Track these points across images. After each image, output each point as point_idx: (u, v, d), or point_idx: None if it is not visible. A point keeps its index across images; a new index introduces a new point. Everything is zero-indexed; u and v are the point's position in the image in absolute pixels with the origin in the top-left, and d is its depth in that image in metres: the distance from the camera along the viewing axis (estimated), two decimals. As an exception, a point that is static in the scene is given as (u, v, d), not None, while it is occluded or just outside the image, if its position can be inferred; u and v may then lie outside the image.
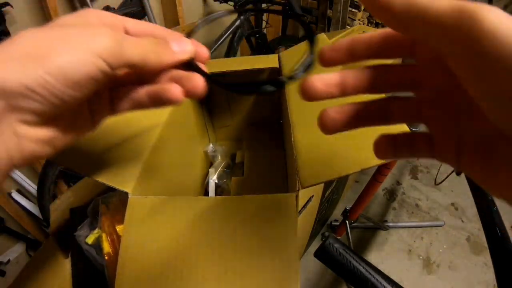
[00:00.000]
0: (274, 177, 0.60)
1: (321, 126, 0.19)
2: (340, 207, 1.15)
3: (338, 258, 0.44)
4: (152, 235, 0.31)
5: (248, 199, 0.33)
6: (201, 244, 0.30)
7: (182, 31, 1.20)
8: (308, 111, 0.39)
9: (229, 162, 0.69)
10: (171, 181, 0.48)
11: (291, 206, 0.31)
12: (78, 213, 0.51)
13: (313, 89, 0.17)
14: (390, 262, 1.13)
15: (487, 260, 1.12)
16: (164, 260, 0.30)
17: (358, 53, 0.17)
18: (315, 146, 0.34)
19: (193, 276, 0.29)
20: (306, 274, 1.08)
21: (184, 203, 0.34)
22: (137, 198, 0.34)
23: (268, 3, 1.30)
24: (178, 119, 0.50)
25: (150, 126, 0.42)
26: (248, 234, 0.30)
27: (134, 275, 0.29)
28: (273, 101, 0.69)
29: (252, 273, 0.28)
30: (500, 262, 0.47)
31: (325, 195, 0.67)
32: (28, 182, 1.08)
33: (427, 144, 0.17)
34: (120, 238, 0.32)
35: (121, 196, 0.47)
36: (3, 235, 1.10)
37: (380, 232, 1.22)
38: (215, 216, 0.32)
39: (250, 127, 0.75)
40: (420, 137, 0.18)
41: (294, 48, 0.54)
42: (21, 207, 1.08)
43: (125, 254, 0.30)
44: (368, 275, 0.42)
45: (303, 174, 0.32)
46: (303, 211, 0.46)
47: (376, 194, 1.29)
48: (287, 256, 0.29)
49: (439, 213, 1.29)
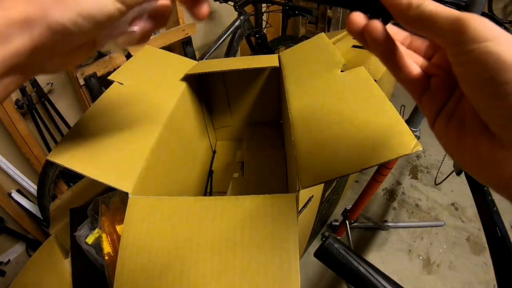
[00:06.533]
0: (274, 177, 0.60)
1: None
2: (340, 207, 1.15)
3: (338, 258, 0.44)
4: (152, 235, 0.31)
5: (248, 199, 0.33)
6: (201, 244, 0.30)
7: (182, 31, 1.20)
8: (308, 111, 0.39)
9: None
10: (171, 181, 0.48)
11: (291, 206, 0.31)
12: (78, 213, 0.51)
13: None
14: (390, 262, 1.13)
15: (487, 260, 1.12)
16: (164, 260, 0.30)
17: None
18: (315, 146, 0.34)
19: (193, 276, 0.29)
20: (306, 274, 1.08)
21: (184, 203, 0.33)
22: (137, 198, 0.34)
23: (268, 3, 1.30)
24: (178, 119, 0.50)
25: (150, 126, 0.42)
26: (248, 234, 0.30)
27: (134, 275, 0.29)
28: (273, 101, 0.69)
29: (252, 273, 0.28)
30: (500, 262, 0.47)
31: (325, 195, 0.67)
32: (28, 182, 1.08)
33: (423, 86, 0.21)
34: (120, 238, 0.32)
35: (121, 196, 0.47)
36: (3, 235, 1.10)
37: (380, 232, 1.22)
38: (215, 216, 0.32)
39: (250, 127, 0.75)
40: (423, 76, 0.21)
41: (294, 48, 0.54)
42: (21, 207, 1.08)
43: (124, 254, 0.30)
44: (368, 275, 0.42)
45: (303, 174, 0.32)
46: (303, 211, 0.46)
47: (376, 194, 1.29)
48: (287, 256, 0.29)
49: (439, 213, 1.29)
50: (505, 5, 1.91)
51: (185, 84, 0.54)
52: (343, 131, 0.34)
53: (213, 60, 0.58)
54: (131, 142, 0.38)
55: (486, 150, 0.17)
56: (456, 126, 0.19)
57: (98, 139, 0.37)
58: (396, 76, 0.22)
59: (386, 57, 0.21)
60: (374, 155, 0.30)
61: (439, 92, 0.20)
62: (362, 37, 0.21)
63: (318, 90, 0.42)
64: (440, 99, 0.20)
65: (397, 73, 0.22)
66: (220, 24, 1.60)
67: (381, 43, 0.20)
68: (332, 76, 0.43)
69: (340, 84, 0.41)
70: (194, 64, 0.58)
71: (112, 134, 0.38)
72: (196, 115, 0.61)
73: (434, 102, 0.21)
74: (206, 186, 0.68)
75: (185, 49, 1.28)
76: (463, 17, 0.16)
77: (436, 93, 0.21)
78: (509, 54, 0.14)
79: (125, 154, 0.37)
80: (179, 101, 0.50)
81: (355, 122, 0.35)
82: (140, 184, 0.35)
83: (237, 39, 1.24)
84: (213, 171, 0.71)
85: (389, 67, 0.22)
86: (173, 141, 0.48)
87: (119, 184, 0.33)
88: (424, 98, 0.21)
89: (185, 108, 0.54)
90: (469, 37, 0.15)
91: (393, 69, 0.22)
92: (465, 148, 0.18)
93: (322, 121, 0.37)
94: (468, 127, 0.18)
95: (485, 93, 0.16)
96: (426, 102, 0.21)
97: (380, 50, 0.21)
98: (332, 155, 0.32)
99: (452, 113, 0.19)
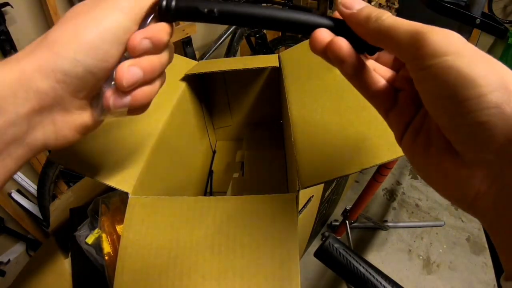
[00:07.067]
0: (274, 177, 0.60)
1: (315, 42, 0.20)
2: (340, 207, 1.15)
3: (338, 258, 0.44)
4: (152, 235, 0.31)
5: (248, 199, 0.33)
6: (201, 244, 0.30)
7: (182, 31, 1.20)
8: (308, 111, 0.39)
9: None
10: (171, 181, 0.48)
11: (291, 206, 0.31)
12: (78, 213, 0.51)
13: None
14: (390, 262, 1.13)
15: (487, 260, 1.12)
16: (163, 260, 0.30)
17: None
18: (315, 146, 0.34)
19: (193, 276, 0.29)
20: (306, 274, 1.08)
21: (184, 203, 0.33)
22: (137, 198, 0.34)
23: (268, 3, 1.30)
24: (178, 119, 0.50)
25: (150, 126, 0.42)
26: (248, 234, 0.30)
27: (134, 275, 0.29)
28: (273, 101, 0.69)
29: (252, 273, 0.28)
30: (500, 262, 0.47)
31: (325, 195, 0.67)
32: (28, 182, 1.08)
33: (391, 101, 0.20)
34: (120, 238, 0.32)
35: (121, 196, 0.47)
36: (3, 235, 1.10)
37: (380, 232, 1.22)
38: (215, 216, 0.32)
39: (250, 127, 0.75)
40: (390, 90, 0.20)
41: (294, 48, 0.54)
42: (21, 207, 1.08)
43: (124, 254, 0.30)
44: (368, 275, 0.42)
45: (303, 174, 0.32)
46: (303, 211, 0.46)
47: (376, 194, 1.29)
48: (287, 256, 0.29)
49: (439, 213, 1.29)
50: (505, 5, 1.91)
51: (185, 84, 0.53)
52: (343, 131, 0.34)
53: (213, 60, 0.58)
54: (131, 142, 0.38)
55: (450, 168, 0.16)
56: (422, 142, 0.18)
57: (98, 139, 0.37)
58: (362, 92, 0.21)
59: (352, 75, 0.20)
60: (374, 155, 0.30)
61: (407, 108, 0.19)
62: (325, 55, 0.19)
63: (318, 90, 0.42)
64: (407, 114, 0.19)
65: (364, 90, 0.20)
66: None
67: (348, 63, 0.19)
68: (332, 76, 0.43)
69: (340, 84, 0.41)
70: (194, 64, 0.58)
71: (112, 134, 0.38)
72: (196, 115, 0.61)
73: (401, 117, 0.19)
74: (206, 186, 0.68)
75: (185, 49, 1.28)
76: (422, 30, 0.15)
77: (404, 108, 0.19)
78: (470, 69, 0.13)
79: (125, 154, 0.37)
80: (179, 101, 0.50)
81: (355, 122, 0.35)
82: (140, 184, 0.35)
83: (237, 39, 1.24)
84: (213, 171, 0.71)
85: (355, 84, 0.21)
86: (173, 141, 0.48)
87: (119, 184, 0.33)
88: (391, 113, 0.20)
89: (185, 108, 0.54)
90: (428, 51, 0.14)
91: (360, 86, 0.20)
92: (431, 165, 0.17)
93: (322, 121, 0.37)
94: (434, 144, 0.17)
95: (446, 111, 0.15)
96: (393, 117, 0.20)
97: (346, 69, 0.19)
98: (332, 155, 0.32)
99: (419, 129, 0.18)
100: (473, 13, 0.59)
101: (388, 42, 0.17)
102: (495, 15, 1.86)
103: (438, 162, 0.17)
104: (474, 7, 0.54)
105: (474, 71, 0.13)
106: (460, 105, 0.14)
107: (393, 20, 0.16)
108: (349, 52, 0.18)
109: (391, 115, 0.20)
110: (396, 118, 0.20)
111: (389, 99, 0.20)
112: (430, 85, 0.15)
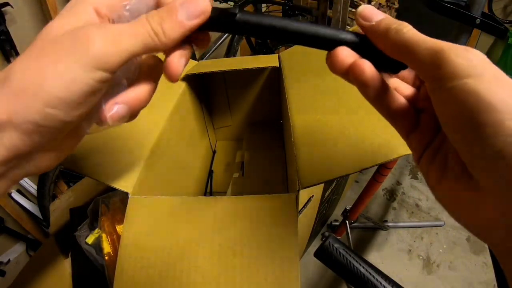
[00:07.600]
0: (274, 177, 0.60)
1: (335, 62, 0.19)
2: (340, 207, 1.15)
3: (338, 258, 0.44)
4: (152, 235, 0.31)
5: (248, 199, 0.33)
6: (201, 244, 0.30)
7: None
8: (308, 111, 0.39)
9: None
10: (171, 181, 0.48)
11: (291, 206, 0.31)
12: (78, 213, 0.51)
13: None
14: (390, 262, 1.13)
15: (487, 260, 1.12)
16: (163, 260, 0.30)
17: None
18: (315, 146, 0.34)
19: (192, 276, 0.29)
20: (306, 274, 1.08)
21: (184, 203, 0.33)
22: (137, 198, 0.34)
23: (268, 3, 1.30)
24: (178, 119, 0.50)
25: (150, 126, 0.42)
26: (248, 234, 0.30)
27: (134, 275, 0.29)
28: (273, 101, 0.69)
29: (252, 273, 0.28)
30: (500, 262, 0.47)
31: (325, 195, 0.67)
32: (28, 182, 1.08)
33: (412, 123, 0.19)
34: (120, 238, 0.32)
35: (121, 196, 0.47)
36: (3, 235, 1.10)
37: (380, 232, 1.22)
38: (215, 216, 0.32)
39: (250, 127, 0.75)
40: (412, 112, 0.20)
41: (294, 48, 0.54)
42: (21, 207, 1.08)
43: (124, 254, 0.30)
44: (368, 275, 0.42)
45: (303, 174, 0.32)
46: (303, 211, 0.46)
47: (376, 194, 1.29)
48: (287, 256, 0.29)
49: (439, 213, 1.29)
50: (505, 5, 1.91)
51: (185, 84, 0.54)
52: (343, 131, 0.34)
53: (213, 60, 0.58)
54: (131, 142, 0.38)
55: (464, 192, 0.16)
56: (439, 163, 0.17)
57: (98, 139, 0.37)
58: (383, 113, 0.20)
59: (374, 98, 0.19)
60: (374, 155, 0.30)
61: (428, 129, 0.19)
62: (346, 76, 0.19)
63: (318, 90, 0.42)
64: (428, 136, 0.19)
65: (385, 111, 0.20)
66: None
67: (371, 87, 0.18)
68: (332, 76, 0.42)
69: (340, 84, 0.41)
70: (194, 64, 0.58)
71: (112, 134, 0.38)
72: (196, 115, 0.61)
73: (422, 139, 0.19)
74: (206, 186, 0.68)
75: (185, 49, 1.28)
76: (443, 48, 0.14)
77: (425, 130, 0.19)
78: (490, 94, 0.13)
79: (125, 154, 0.37)
80: (179, 101, 0.50)
81: (355, 122, 0.35)
82: (140, 184, 0.35)
83: (237, 39, 1.24)
84: (213, 171, 0.71)
85: (375, 105, 0.20)
86: (173, 141, 0.48)
87: (119, 184, 0.33)
88: (413, 135, 0.19)
89: (185, 108, 0.54)
90: (448, 71, 0.14)
91: (381, 108, 0.20)
92: (445, 187, 0.17)
93: (322, 121, 0.37)
94: (450, 166, 0.17)
95: (464, 135, 0.14)
96: (414, 139, 0.19)
97: (368, 93, 0.18)
98: (332, 155, 0.32)
99: (437, 151, 0.18)
100: (473, 13, 0.59)
101: (408, 57, 0.16)
102: (495, 15, 1.86)
103: (453, 185, 0.16)
104: (474, 7, 0.54)
105: (494, 97, 0.13)
106: (477, 131, 0.13)
107: (414, 34, 0.16)
108: (372, 76, 0.18)
109: (412, 137, 0.19)
110: (416, 140, 0.19)
111: (411, 121, 0.19)
112: (448, 108, 0.15)
